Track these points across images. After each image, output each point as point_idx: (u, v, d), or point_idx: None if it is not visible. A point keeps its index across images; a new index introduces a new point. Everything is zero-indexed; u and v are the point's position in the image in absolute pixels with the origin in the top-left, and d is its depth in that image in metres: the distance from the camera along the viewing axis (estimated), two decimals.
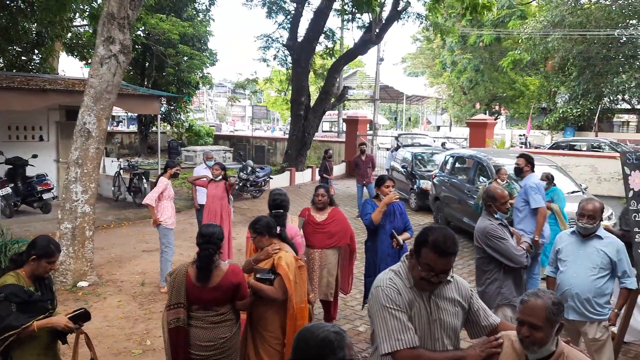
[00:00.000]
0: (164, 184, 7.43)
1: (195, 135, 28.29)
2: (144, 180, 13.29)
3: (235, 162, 20.60)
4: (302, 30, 19.71)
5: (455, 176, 11.23)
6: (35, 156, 12.30)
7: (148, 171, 14.10)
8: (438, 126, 45.49)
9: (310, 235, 5.63)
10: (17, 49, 17.70)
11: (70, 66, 75.59)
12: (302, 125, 19.17)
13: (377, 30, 18.48)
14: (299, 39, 19.50)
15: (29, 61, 18.22)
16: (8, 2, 15.71)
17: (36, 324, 3.21)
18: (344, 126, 24.94)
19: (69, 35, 18.48)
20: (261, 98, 52.49)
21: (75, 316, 3.39)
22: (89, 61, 16.83)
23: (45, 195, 11.86)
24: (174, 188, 7.91)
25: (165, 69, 23.07)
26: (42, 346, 3.39)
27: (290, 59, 21.03)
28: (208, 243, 3.60)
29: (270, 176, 16.23)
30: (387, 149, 20.41)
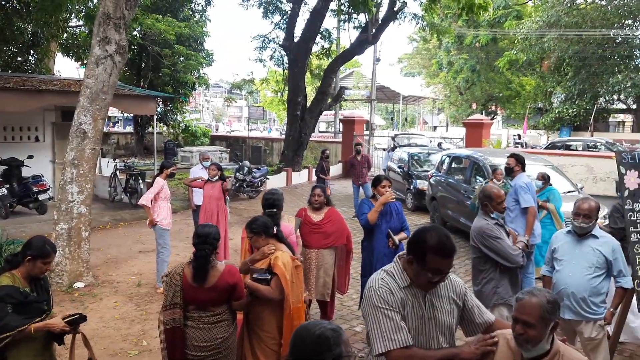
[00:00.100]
0: (160, 184, 7.41)
1: (191, 136, 28.27)
2: (140, 181, 13.27)
3: (232, 163, 20.59)
4: (299, 31, 19.77)
5: (451, 176, 11.25)
6: (31, 157, 12.27)
7: (144, 172, 14.08)
8: (434, 126, 45.45)
9: (306, 235, 5.64)
10: (13, 49, 17.66)
11: (66, 67, 75.71)
12: (299, 125, 19.17)
13: (374, 30, 18.47)
14: (295, 39, 19.50)
15: (24, 62, 18.21)
16: (3, 3, 15.68)
17: (32, 326, 3.21)
18: (340, 126, 24.94)
19: (64, 35, 18.48)
20: (258, 98, 52.40)
21: (72, 320, 3.39)
22: (85, 62, 16.81)
23: (41, 196, 11.83)
24: (170, 189, 7.90)
25: (162, 70, 23.02)
26: (39, 347, 3.38)
27: (286, 59, 21.02)
28: (204, 243, 3.61)
29: (267, 176, 16.21)
30: (384, 149, 20.40)
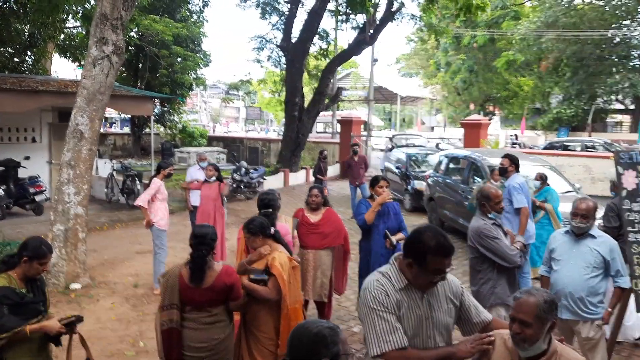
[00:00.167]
0: (156, 185, 7.40)
1: (188, 137, 28.26)
2: (137, 182, 13.23)
3: (229, 164, 20.57)
4: (296, 31, 19.72)
5: (449, 177, 11.25)
6: (27, 158, 12.27)
7: (141, 173, 14.04)
8: (432, 127, 45.48)
9: (304, 235, 5.62)
10: (10, 50, 17.64)
11: (63, 67, 75.60)
12: (296, 126, 19.14)
13: (371, 31, 18.48)
14: (292, 39, 19.47)
15: (21, 62, 18.17)
16: (0, 4, 15.65)
17: (28, 328, 3.19)
18: (338, 127, 24.94)
19: (61, 36, 18.44)
20: (255, 99, 52.43)
21: (68, 323, 3.37)
22: (82, 62, 16.80)
23: (38, 197, 11.82)
24: (167, 189, 7.88)
25: (159, 70, 23.02)
26: (35, 349, 3.37)
27: (284, 60, 21.00)
28: (201, 244, 3.59)
29: (264, 177, 16.19)
30: (382, 150, 20.41)
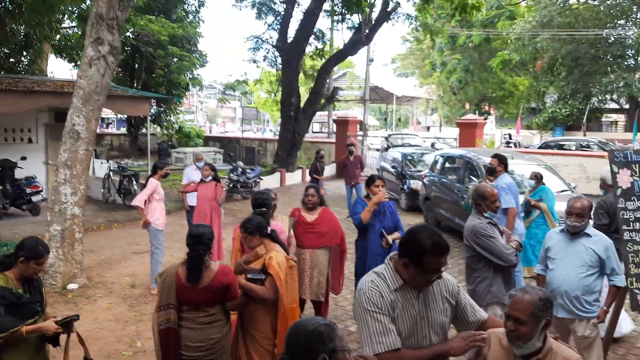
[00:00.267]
0: (153, 185, 7.40)
1: (185, 137, 28.23)
2: (134, 182, 13.22)
3: (226, 164, 20.57)
4: (292, 32, 19.75)
5: (445, 176, 11.27)
6: (24, 158, 12.23)
7: (138, 173, 14.02)
8: (428, 126, 45.48)
9: (300, 235, 5.63)
10: (6, 50, 17.61)
11: (59, 68, 75.41)
12: (292, 126, 19.14)
13: (367, 31, 18.49)
14: (288, 40, 19.49)
15: (17, 63, 18.14)
16: None
17: (25, 328, 3.18)
18: (334, 127, 24.95)
19: (57, 37, 18.43)
20: (251, 99, 52.34)
21: (65, 323, 3.37)
22: (78, 63, 16.75)
23: (34, 198, 11.79)
24: (164, 189, 7.88)
25: (155, 71, 22.97)
26: (32, 349, 3.37)
27: (280, 60, 20.96)
28: (198, 244, 3.59)
29: (261, 177, 16.19)
30: (378, 150, 20.41)
